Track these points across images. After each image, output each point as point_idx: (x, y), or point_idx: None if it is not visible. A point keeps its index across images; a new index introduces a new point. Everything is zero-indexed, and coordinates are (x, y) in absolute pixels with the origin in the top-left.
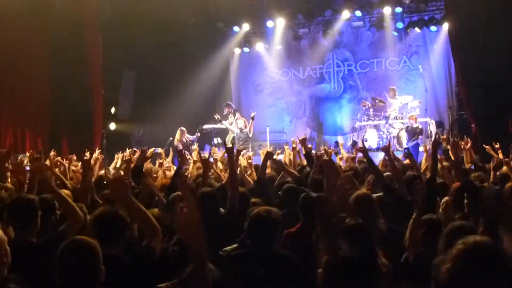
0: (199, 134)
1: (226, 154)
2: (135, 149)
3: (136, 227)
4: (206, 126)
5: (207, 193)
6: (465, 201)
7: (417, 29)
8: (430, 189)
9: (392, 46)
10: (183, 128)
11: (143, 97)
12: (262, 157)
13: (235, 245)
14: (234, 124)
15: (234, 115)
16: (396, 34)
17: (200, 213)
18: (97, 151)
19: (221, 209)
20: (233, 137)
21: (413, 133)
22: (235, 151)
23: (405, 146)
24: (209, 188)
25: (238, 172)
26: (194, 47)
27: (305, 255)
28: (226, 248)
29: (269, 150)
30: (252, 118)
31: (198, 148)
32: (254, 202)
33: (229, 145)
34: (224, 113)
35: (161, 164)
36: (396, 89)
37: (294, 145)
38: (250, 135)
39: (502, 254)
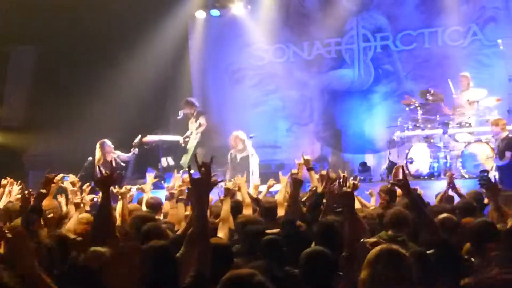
0: (136, 151)
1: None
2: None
3: None
4: (149, 138)
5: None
6: None
7: None
8: None
9: (454, 8)
10: (106, 141)
11: (46, 90)
12: (242, 188)
13: None
14: (194, 135)
15: (197, 120)
16: None
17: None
18: None
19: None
20: (193, 157)
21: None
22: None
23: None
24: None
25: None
26: (131, 11)
27: None
28: None
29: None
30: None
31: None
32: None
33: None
34: (180, 116)
35: (77, 205)
36: (469, 76)
37: (296, 172)
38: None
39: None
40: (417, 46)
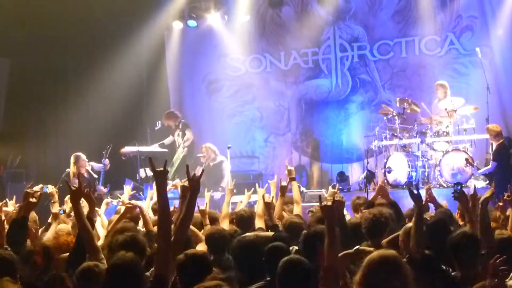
0: (106, 162)
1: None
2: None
3: None
4: (126, 149)
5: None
6: None
7: None
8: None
9: (431, 17)
10: (80, 155)
11: (21, 102)
12: (227, 197)
13: None
14: (181, 148)
15: (183, 133)
16: None
17: None
18: None
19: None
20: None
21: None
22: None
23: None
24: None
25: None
26: (106, 23)
27: None
28: None
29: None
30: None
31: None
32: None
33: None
34: (158, 127)
35: (55, 216)
36: (447, 85)
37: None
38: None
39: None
40: (394, 55)
